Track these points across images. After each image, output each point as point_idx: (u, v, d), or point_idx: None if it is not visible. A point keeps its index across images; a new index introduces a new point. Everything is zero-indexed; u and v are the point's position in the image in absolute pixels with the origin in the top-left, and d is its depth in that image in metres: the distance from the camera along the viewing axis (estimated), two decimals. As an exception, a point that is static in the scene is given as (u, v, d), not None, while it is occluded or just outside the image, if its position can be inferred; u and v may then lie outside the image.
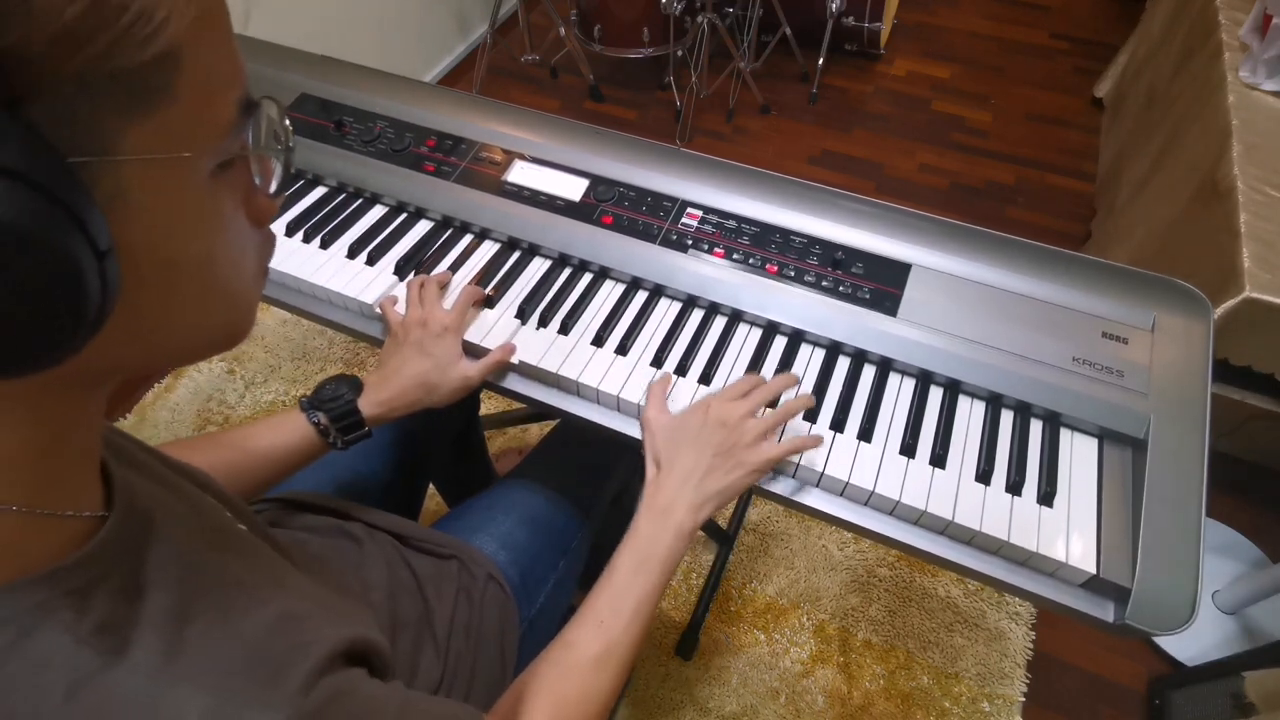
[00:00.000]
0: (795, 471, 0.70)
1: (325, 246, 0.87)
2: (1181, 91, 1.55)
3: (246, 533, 0.47)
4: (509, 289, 0.83)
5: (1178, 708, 1.17)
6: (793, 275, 0.79)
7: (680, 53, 2.26)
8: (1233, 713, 1.06)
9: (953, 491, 0.68)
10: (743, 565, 1.40)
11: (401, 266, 0.85)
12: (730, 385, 0.69)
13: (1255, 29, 1.34)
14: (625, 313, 0.81)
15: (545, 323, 0.80)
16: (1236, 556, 1.38)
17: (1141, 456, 0.67)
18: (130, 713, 0.30)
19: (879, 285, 0.78)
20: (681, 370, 0.76)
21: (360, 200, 0.92)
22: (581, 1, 2.17)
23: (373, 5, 2.09)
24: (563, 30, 2.22)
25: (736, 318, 0.80)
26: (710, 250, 0.82)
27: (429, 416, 0.77)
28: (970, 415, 0.73)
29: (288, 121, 0.36)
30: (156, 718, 0.30)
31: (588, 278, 0.84)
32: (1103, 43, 2.51)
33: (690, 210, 0.85)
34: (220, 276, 0.33)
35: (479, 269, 0.85)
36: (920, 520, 0.68)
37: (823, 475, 0.69)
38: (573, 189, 0.87)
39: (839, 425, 0.72)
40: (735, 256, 0.81)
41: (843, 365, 0.77)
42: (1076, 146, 2.23)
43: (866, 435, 0.72)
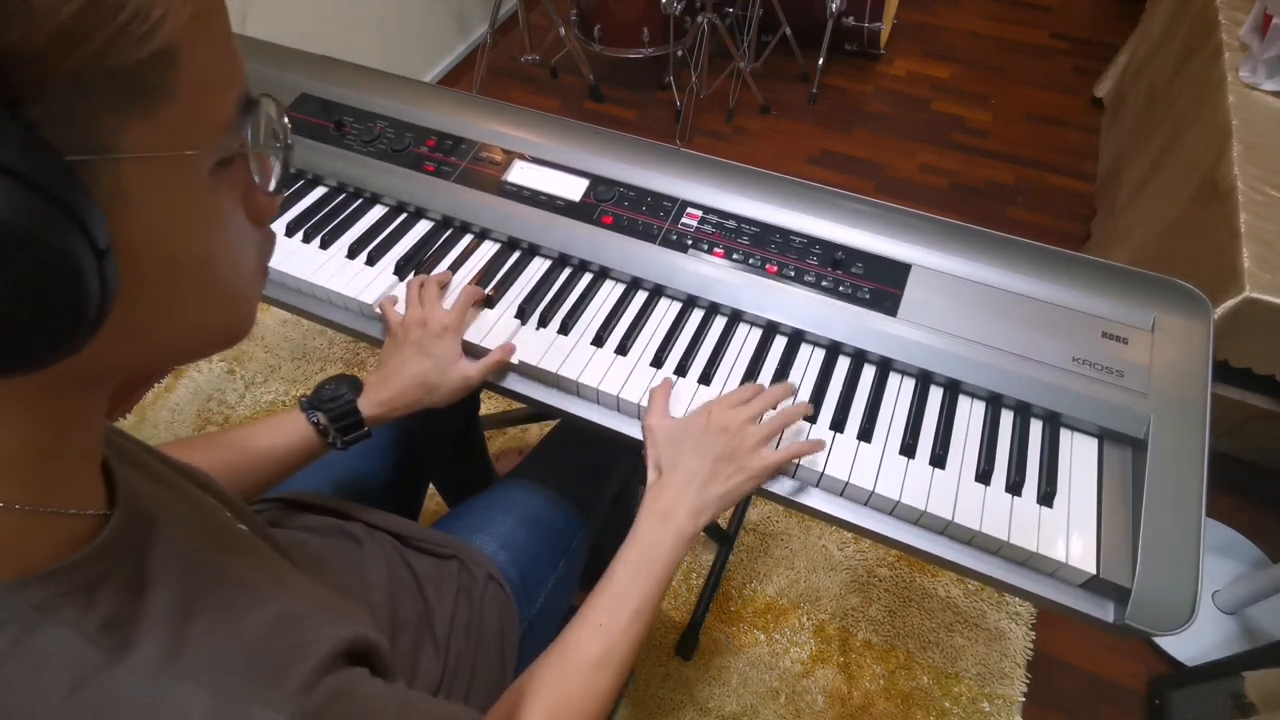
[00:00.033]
0: (795, 472, 0.70)
1: (325, 246, 0.87)
2: (1181, 91, 1.55)
3: (247, 532, 0.48)
4: (509, 289, 0.83)
5: (1178, 708, 1.17)
6: (793, 275, 0.79)
7: (680, 53, 2.26)
8: (1233, 713, 1.06)
9: (953, 491, 0.68)
10: (743, 565, 1.40)
11: (401, 266, 0.85)
12: (730, 393, 0.70)
13: (1255, 29, 1.34)
14: (625, 313, 0.81)
15: (545, 323, 0.80)
16: (1236, 556, 1.38)
17: (1141, 456, 0.67)
18: (132, 711, 0.30)
19: (879, 285, 0.78)
20: (681, 370, 0.76)
21: (360, 200, 0.92)
22: (581, 1, 2.17)
23: (373, 5, 2.09)
24: (563, 30, 2.22)
25: (736, 318, 0.80)
26: (710, 250, 0.82)
27: (429, 416, 0.77)
28: (970, 415, 0.73)
29: (286, 119, 0.35)
30: (159, 715, 0.30)
31: (588, 278, 0.84)
32: (1103, 43, 2.51)
33: (690, 210, 0.85)
34: (220, 275, 0.33)
35: (479, 269, 0.85)
36: (920, 520, 0.68)
37: (823, 475, 0.69)
38: (573, 189, 0.87)
39: (839, 425, 0.72)
40: (735, 256, 0.81)
41: (843, 365, 0.77)
42: (1076, 146, 2.23)
43: (866, 435, 0.72)
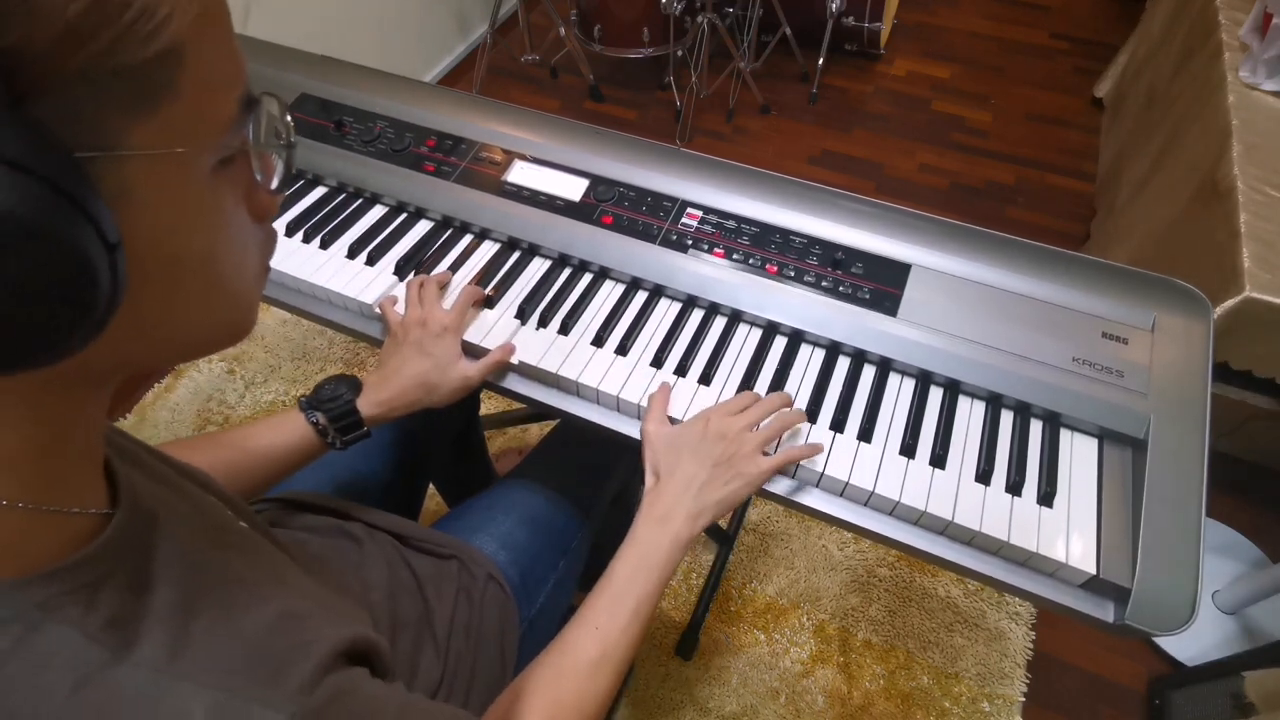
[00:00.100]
0: (795, 472, 0.70)
1: (325, 246, 0.87)
2: (1181, 91, 1.55)
3: (248, 530, 0.48)
4: (509, 289, 0.83)
5: (1178, 708, 1.17)
6: (793, 275, 0.79)
7: (680, 53, 2.26)
8: (1233, 713, 1.06)
9: (952, 492, 0.68)
10: (743, 565, 1.40)
11: (401, 266, 0.85)
12: (728, 400, 0.70)
13: (1255, 29, 1.34)
14: (625, 313, 0.81)
15: (545, 323, 0.80)
16: (1236, 556, 1.38)
17: (1141, 456, 0.67)
18: (135, 709, 0.30)
19: (879, 285, 0.78)
20: (681, 371, 0.76)
21: (360, 200, 0.92)
22: (581, 1, 2.17)
23: (373, 5, 2.09)
24: (563, 30, 2.22)
25: (736, 318, 0.80)
26: (710, 250, 0.82)
27: (429, 416, 0.77)
28: (970, 415, 0.73)
29: (289, 118, 0.36)
30: (160, 714, 0.30)
31: (588, 278, 0.84)
32: (1103, 43, 2.51)
33: (690, 210, 0.85)
34: (223, 273, 0.33)
35: (479, 269, 0.85)
36: (920, 520, 0.68)
37: (823, 475, 0.69)
38: (573, 189, 0.87)
39: (839, 426, 0.72)
40: (735, 256, 0.81)
41: (843, 365, 0.77)
42: (1076, 146, 2.23)
43: (866, 435, 0.72)
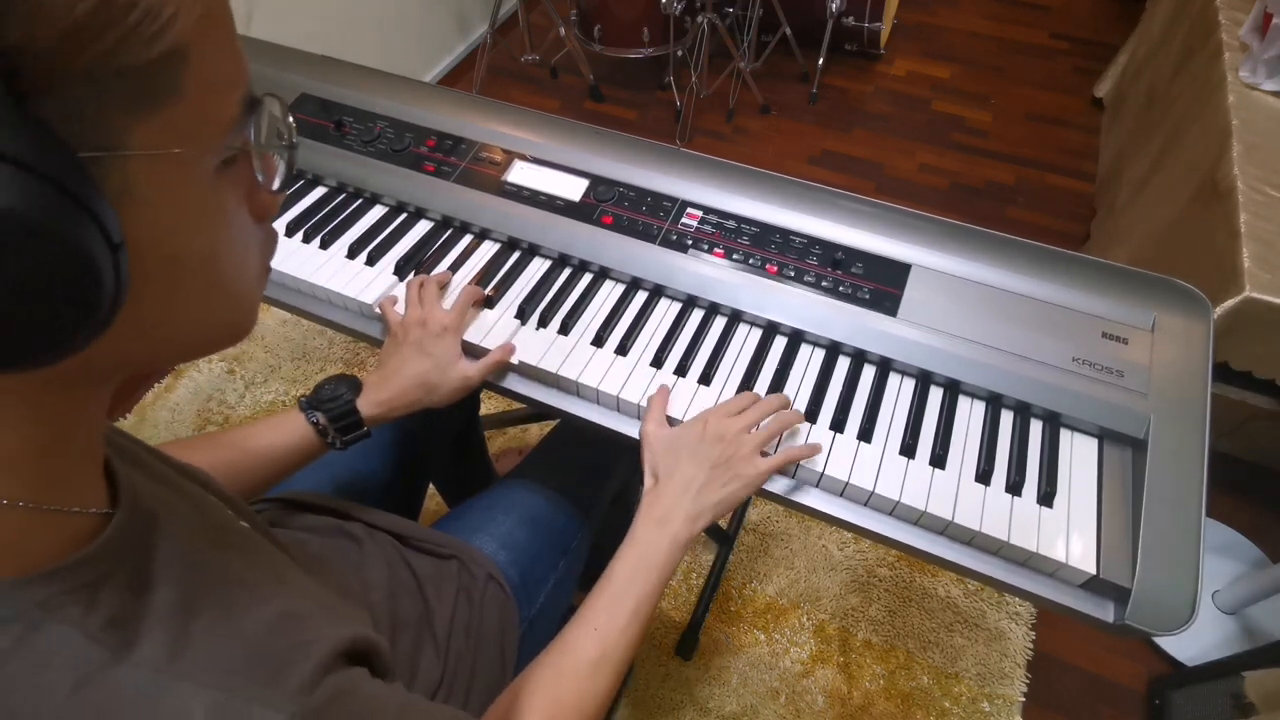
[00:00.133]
0: (795, 472, 0.70)
1: (325, 246, 0.87)
2: (1181, 91, 1.55)
3: (249, 530, 0.48)
4: (509, 289, 0.83)
5: (1178, 708, 1.17)
6: (793, 275, 0.79)
7: (680, 53, 2.26)
8: (1233, 713, 1.06)
9: (952, 492, 0.68)
10: (743, 565, 1.40)
11: (401, 266, 0.85)
12: (726, 402, 0.70)
13: (1255, 29, 1.34)
14: (625, 313, 0.81)
15: (545, 323, 0.80)
16: (1236, 556, 1.38)
17: (1141, 456, 0.67)
18: (135, 709, 0.30)
19: (879, 285, 0.78)
20: (681, 371, 0.76)
21: (360, 200, 0.92)
22: (581, 1, 2.17)
23: (373, 5, 2.09)
24: (563, 30, 2.22)
25: (736, 318, 0.80)
26: (710, 250, 0.82)
27: (429, 416, 0.77)
28: (970, 415, 0.73)
29: (291, 119, 0.36)
30: (160, 713, 0.30)
31: (588, 278, 0.84)
32: (1103, 43, 2.51)
33: (690, 210, 0.85)
34: (223, 273, 0.33)
35: (479, 269, 0.85)
36: (920, 520, 0.68)
37: (823, 475, 0.69)
38: (573, 189, 0.87)
39: (839, 426, 0.72)
40: (735, 256, 0.81)
41: (843, 365, 0.77)
42: (1076, 146, 2.23)
43: (866, 435, 0.72)
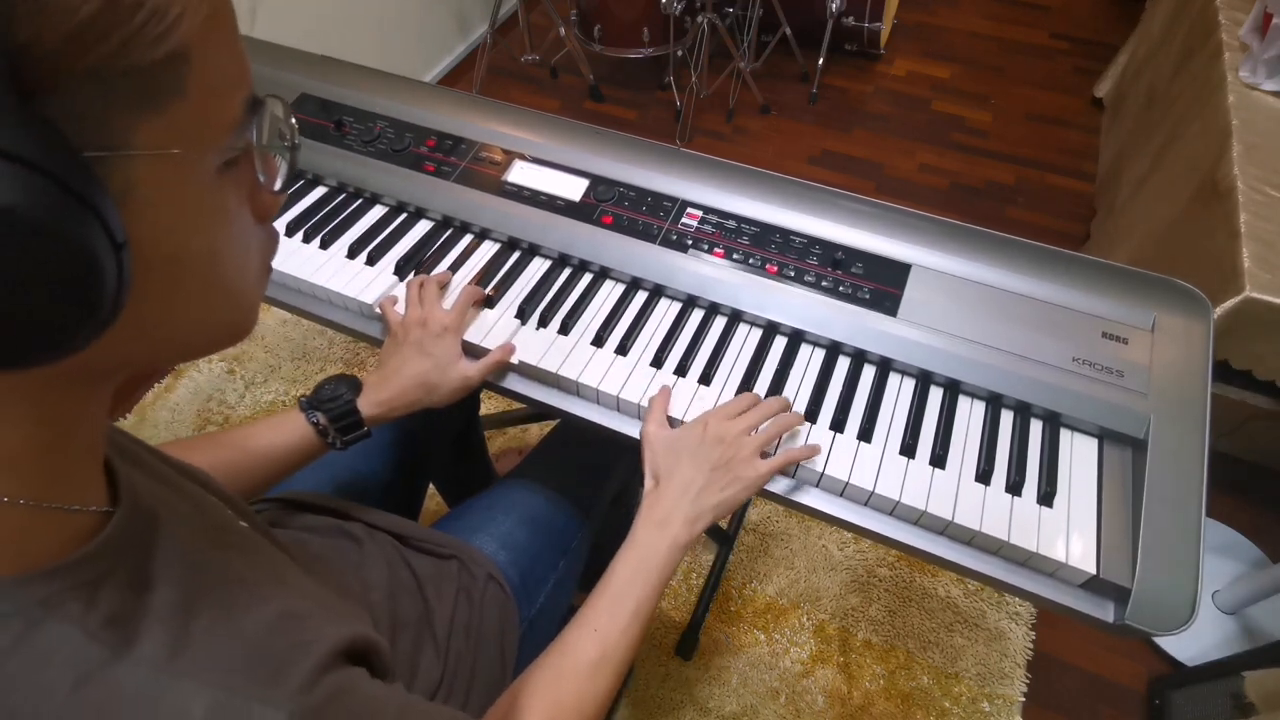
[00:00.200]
0: (795, 472, 0.70)
1: (325, 246, 0.87)
2: (1181, 91, 1.55)
3: (249, 530, 0.48)
4: (509, 289, 0.83)
5: (1178, 708, 1.17)
6: (793, 275, 0.79)
7: (680, 53, 2.26)
8: (1233, 713, 1.06)
9: (953, 492, 0.68)
10: (743, 565, 1.40)
11: (401, 266, 0.85)
12: (726, 404, 0.70)
13: (1255, 29, 1.34)
14: (625, 313, 0.81)
15: (545, 323, 0.80)
16: (1236, 556, 1.38)
17: (1141, 456, 0.67)
18: (134, 707, 0.30)
19: (879, 285, 0.78)
20: (681, 371, 0.76)
21: (360, 200, 0.92)
22: (581, 1, 2.17)
23: (373, 5, 2.09)
24: (563, 30, 2.22)
25: (736, 318, 0.80)
26: (710, 250, 0.82)
27: (429, 416, 0.77)
28: (970, 415, 0.73)
29: (293, 120, 0.36)
30: (160, 712, 0.30)
31: (588, 278, 0.84)
32: (1103, 43, 2.51)
33: (690, 210, 0.85)
34: (225, 273, 0.33)
35: (479, 269, 0.85)
36: (920, 520, 0.68)
37: (823, 475, 0.69)
38: (573, 189, 0.87)
39: (839, 426, 0.72)
40: (735, 256, 0.81)
41: (843, 365, 0.77)
42: (1076, 146, 2.23)
43: (866, 435, 0.72)
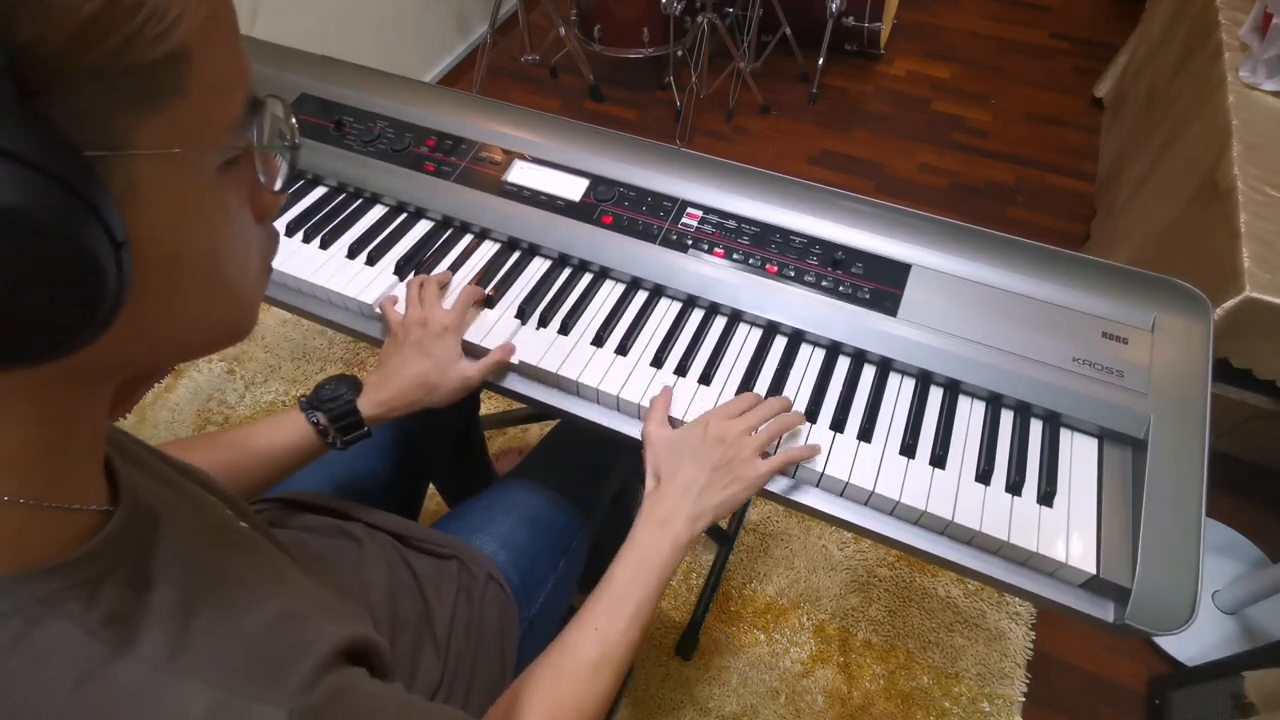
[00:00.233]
0: (795, 472, 0.70)
1: (325, 246, 0.87)
2: (1181, 91, 1.55)
3: (248, 530, 0.48)
4: (509, 289, 0.83)
5: (1178, 708, 1.17)
6: (793, 275, 0.79)
7: (680, 53, 2.26)
8: (1233, 713, 1.06)
9: (952, 491, 0.68)
10: (743, 565, 1.40)
11: (401, 266, 0.85)
12: (727, 404, 0.70)
13: (1255, 29, 1.34)
14: (625, 313, 0.81)
15: (545, 323, 0.80)
16: (1236, 556, 1.38)
17: (1141, 456, 0.67)
18: (134, 706, 0.30)
19: (879, 285, 0.78)
20: (681, 371, 0.76)
21: (360, 200, 0.92)
22: (581, 1, 2.17)
23: (372, 5, 2.09)
24: (563, 30, 2.22)
25: (736, 318, 0.80)
26: (710, 250, 0.82)
27: (429, 416, 0.77)
28: (970, 415, 0.73)
29: (294, 120, 0.36)
30: (160, 711, 0.30)
31: (588, 278, 0.84)
32: (1103, 43, 2.51)
33: (690, 210, 0.85)
34: (225, 273, 0.33)
35: (479, 269, 0.85)
36: (920, 520, 0.68)
37: (823, 475, 0.69)
38: (573, 189, 0.87)
39: (839, 425, 0.72)
40: (735, 256, 0.81)
41: (843, 365, 0.77)
42: (1076, 146, 2.23)
43: (866, 435, 0.72)
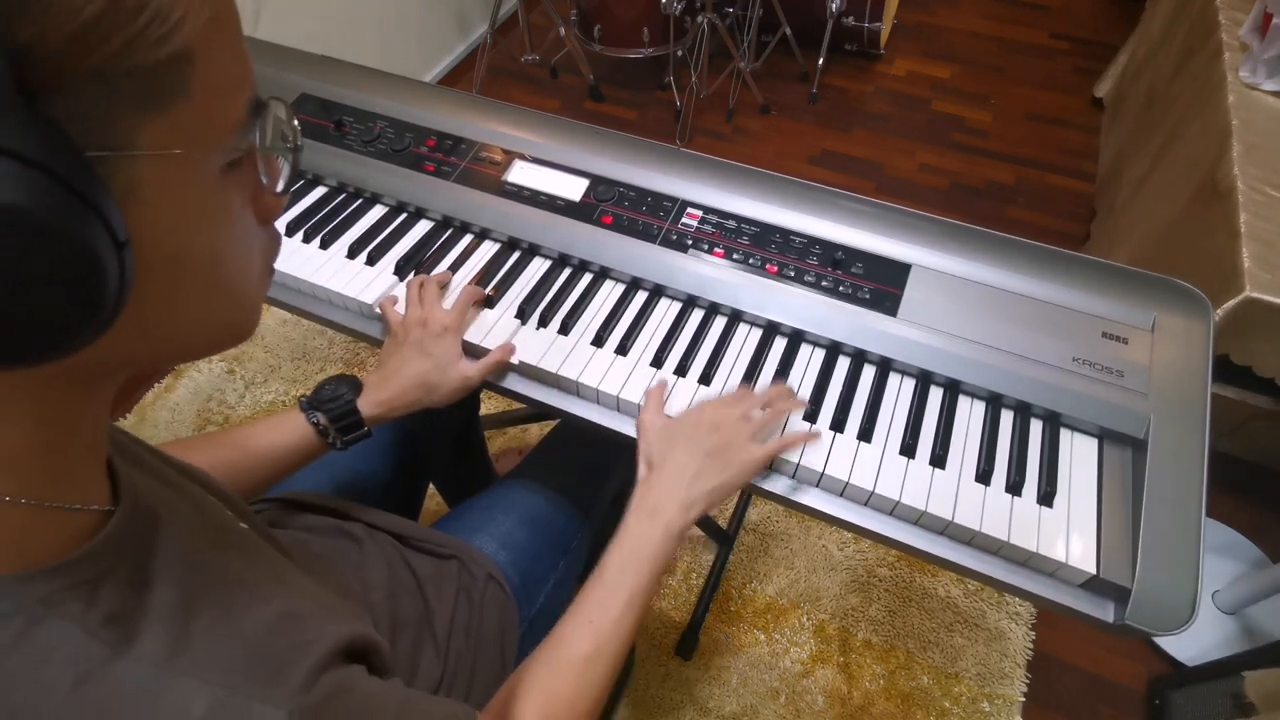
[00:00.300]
0: (795, 471, 0.70)
1: (325, 246, 0.87)
2: (1181, 91, 1.55)
3: (248, 531, 0.48)
4: (509, 289, 0.83)
5: (1178, 708, 1.17)
6: (793, 275, 0.79)
7: (680, 53, 2.26)
8: (1233, 713, 1.06)
9: (952, 492, 0.68)
10: (743, 565, 1.40)
11: (401, 266, 0.85)
12: (725, 395, 0.70)
13: (1255, 29, 1.34)
14: (625, 313, 0.81)
15: (545, 323, 0.80)
16: (1236, 556, 1.38)
17: (1141, 456, 0.67)
18: (134, 705, 0.30)
19: (879, 285, 0.78)
20: (681, 370, 0.76)
21: (360, 200, 0.92)
22: (581, 1, 2.17)
23: (373, 5, 2.10)
24: (563, 30, 2.22)
25: (736, 318, 0.80)
26: (710, 250, 0.82)
27: (429, 416, 0.77)
28: (970, 415, 0.73)
29: (295, 121, 0.36)
30: (160, 711, 0.30)
31: (588, 278, 0.84)
32: (1103, 43, 2.51)
33: (690, 210, 0.85)
34: (227, 274, 0.33)
35: (479, 269, 0.85)
36: (920, 520, 0.68)
37: (823, 475, 0.69)
38: (573, 189, 0.87)
39: (839, 425, 0.72)
40: (735, 256, 0.81)
41: (843, 365, 0.77)
42: (1076, 146, 2.23)
43: (866, 435, 0.72)
